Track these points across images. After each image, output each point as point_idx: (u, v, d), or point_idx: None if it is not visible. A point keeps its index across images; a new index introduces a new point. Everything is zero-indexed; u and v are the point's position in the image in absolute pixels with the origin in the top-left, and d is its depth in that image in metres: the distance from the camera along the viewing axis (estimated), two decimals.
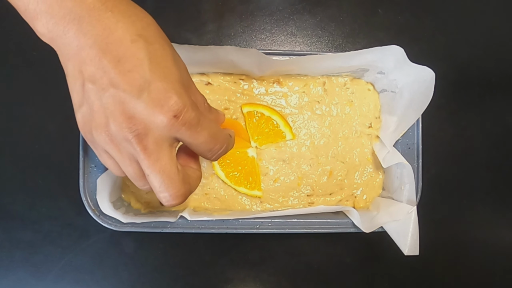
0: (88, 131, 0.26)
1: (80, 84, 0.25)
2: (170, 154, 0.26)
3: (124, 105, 0.24)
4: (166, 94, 0.24)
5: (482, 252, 0.49)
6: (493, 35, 0.50)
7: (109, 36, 0.24)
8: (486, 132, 0.50)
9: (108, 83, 0.24)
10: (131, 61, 0.24)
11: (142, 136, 0.25)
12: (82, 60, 0.24)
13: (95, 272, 0.46)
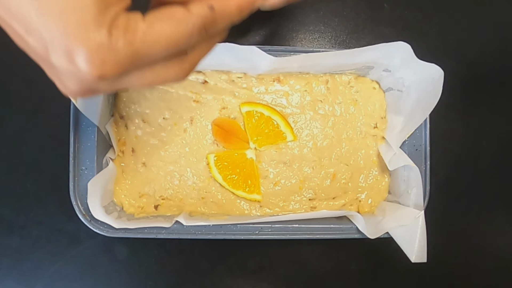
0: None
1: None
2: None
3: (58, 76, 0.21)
4: (79, 57, 0.19)
5: (493, 258, 0.49)
6: (504, 31, 0.50)
7: None
8: (497, 133, 0.50)
9: (15, 36, 0.20)
10: (20, 18, 0.19)
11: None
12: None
13: (86, 280, 0.46)
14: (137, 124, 0.43)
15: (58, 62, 0.19)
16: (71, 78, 0.20)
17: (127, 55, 0.19)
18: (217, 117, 0.44)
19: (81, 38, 0.18)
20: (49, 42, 0.19)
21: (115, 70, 0.20)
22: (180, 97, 0.43)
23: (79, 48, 0.19)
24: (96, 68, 0.19)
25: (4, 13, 0.19)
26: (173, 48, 0.20)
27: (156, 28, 0.20)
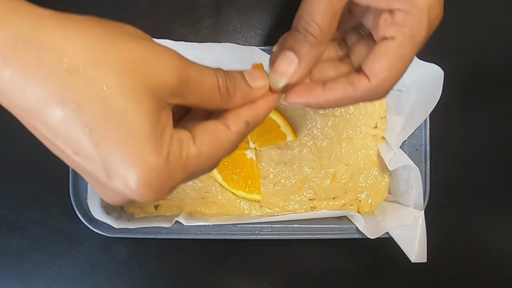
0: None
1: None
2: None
3: (99, 189, 0.21)
4: (130, 182, 0.19)
5: (493, 258, 0.49)
6: (505, 32, 0.50)
7: (24, 107, 0.18)
8: (498, 133, 0.49)
9: (59, 154, 0.20)
10: (69, 142, 0.19)
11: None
12: (29, 128, 0.20)
13: (86, 280, 0.46)
14: None
15: (111, 185, 0.19)
16: (121, 196, 0.20)
17: (182, 179, 0.21)
18: None
19: (140, 167, 0.19)
20: (102, 166, 0.19)
21: (170, 192, 0.21)
22: None
23: (137, 176, 0.19)
24: (154, 194, 0.20)
25: (49, 132, 0.19)
26: (218, 161, 0.23)
27: (205, 151, 0.21)
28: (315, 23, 0.25)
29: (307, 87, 0.27)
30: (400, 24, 0.24)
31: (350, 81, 0.25)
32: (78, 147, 0.19)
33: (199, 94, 0.22)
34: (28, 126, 0.19)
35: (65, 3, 0.45)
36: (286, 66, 0.26)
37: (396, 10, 0.24)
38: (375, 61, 0.25)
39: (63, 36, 0.18)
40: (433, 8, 0.24)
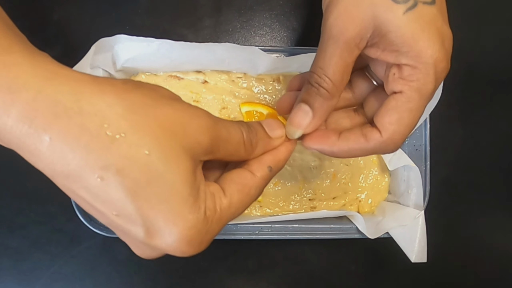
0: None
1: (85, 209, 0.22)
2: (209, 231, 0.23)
3: (130, 238, 0.21)
4: (172, 239, 0.20)
5: (494, 258, 0.49)
6: (505, 32, 0.50)
7: (64, 171, 0.18)
8: (498, 133, 0.49)
9: (99, 217, 0.21)
10: (111, 203, 0.19)
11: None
12: (62, 189, 0.20)
13: (86, 280, 0.45)
14: None
15: (151, 243, 0.20)
16: (159, 252, 0.21)
17: (218, 231, 0.22)
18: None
19: (182, 226, 0.20)
20: (143, 226, 0.20)
21: (207, 245, 0.22)
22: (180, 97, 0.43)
23: (179, 235, 0.20)
24: (194, 249, 0.21)
25: (89, 196, 0.19)
26: (247, 206, 0.24)
27: (235, 200, 0.23)
28: (327, 77, 0.26)
29: (324, 134, 0.28)
30: (408, 79, 0.25)
31: (363, 133, 0.27)
32: (120, 209, 0.19)
33: (226, 150, 0.23)
34: (63, 188, 0.20)
35: (66, 3, 0.46)
36: (301, 118, 0.27)
37: (404, 65, 0.25)
38: (385, 115, 0.26)
39: (104, 103, 0.19)
40: (440, 62, 0.25)
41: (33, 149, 0.18)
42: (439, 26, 0.25)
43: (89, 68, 0.38)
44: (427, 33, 0.24)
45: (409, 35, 0.24)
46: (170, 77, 0.43)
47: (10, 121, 0.18)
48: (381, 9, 0.24)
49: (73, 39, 0.45)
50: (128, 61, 0.39)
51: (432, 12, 0.25)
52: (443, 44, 0.25)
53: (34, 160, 0.19)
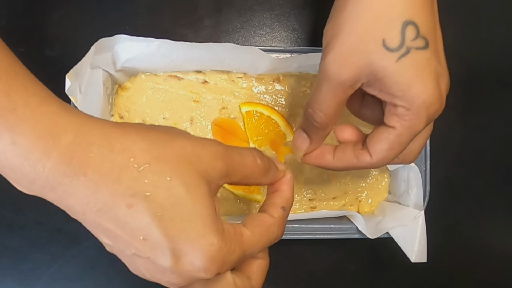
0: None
1: (110, 248, 0.24)
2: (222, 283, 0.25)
3: (156, 265, 0.22)
4: (197, 257, 0.22)
5: (493, 259, 0.49)
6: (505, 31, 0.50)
7: (97, 204, 0.21)
8: (498, 133, 0.49)
9: (124, 248, 0.22)
10: (139, 229, 0.21)
11: (187, 287, 0.24)
12: (81, 221, 0.22)
13: (86, 280, 0.45)
14: None
15: (177, 264, 0.22)
16: (184, 276, 0.22)
17: (239, 254, 0.23)
18: (217, 117, 0.44)
19: (204, 244, 0.22)
20: (169, 248, 0.21)
21: (230, 266, 0.23)
22: (180, 97, 0.43)
23: (203, 252, 0.22)
24: (217, 267, 0.22)
25: (117, 226, 0.21)
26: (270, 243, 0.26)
27: (257, 232, 0.25)
28: (321, 112, 0.29)
29: (320, 153, 0.32)
30: (401, 117, 0.27)
31: (355, 155, 0.30)
32: (147, 233, 0.21)
33: (242, 172, 0.25)
34: (92, 224, 0.22)
35: (66, 4, 0.46)
36: (301, 143, 0.32)
37: (398, 105, 0.27)
38: (377, 143, 0.29)
39: (130, 140, 0.22)
40: (433, 105, 0.27)
41: (69, 186, 0.20)
42: (433, 68, 0.27)
43: (89, 68, 0.38)
44: (420, 78, 0.26)
45: (403, 82, 0.26)
46: (170, 77, 0.43)
47: (50, 162, 0.20)
48: (375, 57, 0.26)
49: (73, 39, 0.45)
50: (128, 61, 0.39)
51: (426, 56, 0.26)
52: (437, 85, 0.27)
53: (66, 198, 0.21)
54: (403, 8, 0.26)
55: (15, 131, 0.20)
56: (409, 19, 0.26)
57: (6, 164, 0.20)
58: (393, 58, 0.26)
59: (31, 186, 0.21)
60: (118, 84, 0.43)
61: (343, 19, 0.27)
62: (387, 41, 0.26)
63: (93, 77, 0.38)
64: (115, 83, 0.42)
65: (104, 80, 0.39)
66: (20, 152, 0.20)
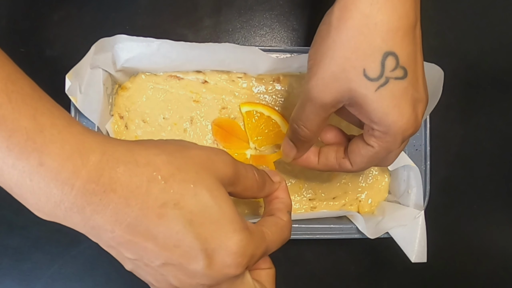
0: (149, 283, 0.26)
1: (119, 255, 0.24)
2: (245, 284, 0.26)
3: (187, 271, 0.23)
4: (228, 253, 0.23)
5: (493, 258, 0.49)
6: (506, 31, 0.50)
7: (127, 219, 0.21)
8: (498, 133, 0.49)
9: (156, 259, 0.23)
10: (171, 236, 0.22)
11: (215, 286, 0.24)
12: (108, 241, 0.22)
13: (86, 280, 0.45)
14: (137, 124, 0.43)
15: (211, 265, 0.23)
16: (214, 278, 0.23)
17: (264, 249, 0.26)
18: (217, 117, 0.44)
19: (234, 240, 0.23)
20: (202, 249, 0.22)
21: (258, 260, 0.25)
22: (180, 97, 0.43)
23: (234, 247, 0.23)
24: (248, 260, 0.24)
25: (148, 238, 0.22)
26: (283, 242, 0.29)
27: (274, 230, 0.27)
28: (305, 128, 0.32)
29: (306, 156, 0.36)
30: (378, 139, 0.29)
31: (338, 162, 0.34)
32: (180, 239, 0.22)
33: (244, 184, 0.27)
34: (118, 241, 0.22)
35: (66, 3, 0.46)
36: (289, 151, 0.35)
37: (375, 129, 0.29)
38: (357, 156, 0.32)
39: (152, 154, 0.23)
40: (408, 130, 0.29)
41: (98, 205, 0.21)
42: (410, 97, 0.28)
43: (89, 68, 0.38)
44: (397, 107, 0.28)
45: (381, 110, 0.28)
46: (170, 77, 0.43)
47: (79, 181, 0.20)
48: (356, 84, 0.27)
49: (73, 39, 0.45)
50: (128, 61, 0.39)
51: (404, 86, 0.28)
52: (413, 111, 0.28)
53: (94, 218, 0.21)
54: (384, 40, 0.26)
55: (43, 152, 0.20)
56: (389, 50, 0.27)
57: (30, 187, 0.20)
58: (373, 87, 0.27)
59: (54, 210, 0.21)
60: (118, 84, 0.43)
61: (326, 46, 0.28)
62: (368, 71, 0.27)
63: (93, 77, 0.38)
64: (115, 83, 0.42)
65: (104, 80, 0.39)
66: (47, 174, 0.20)
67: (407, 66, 0.27)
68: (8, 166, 0.20)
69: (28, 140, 0.20)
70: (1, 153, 0.20)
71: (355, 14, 0.26)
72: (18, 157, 0.20)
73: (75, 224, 0.22)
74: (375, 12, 0.26)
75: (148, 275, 0.24)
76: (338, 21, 0.27)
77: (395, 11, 0.26)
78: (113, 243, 0.22)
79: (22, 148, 0.20)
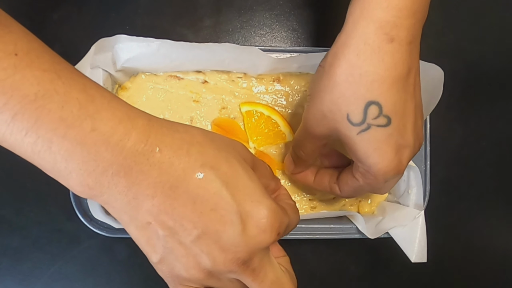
0: (176, 277, 0.25)
1: (149, 235, 0.24)
2: (272, 261, 0.26)
3: (221, 242, 0.23)
4: (261, 217, 0.24)
5: (493, 258, 0.49)
6: (505, 31, 0.50)
7: (170, 179, 0.22)
8: (498, 133, 0.49)
9: (192, 227, 0.23)
10: (209, 199, 0.23)
11: (247, 263, 0.24)
12: (147, 212, 0.23)
13: (86, 280, 0.45)
14: None
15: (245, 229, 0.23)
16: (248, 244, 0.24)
17: (288, 219, 0.26)
18: (217, 117, 0.44)
19: (265, 205, 0.24)
20: (237, 212, 0.23)
21: (283, 234, 0.26)
22: (180, 97, 0.43)
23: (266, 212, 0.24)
24: (277, 227, 0.24)
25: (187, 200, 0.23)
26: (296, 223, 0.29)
27: (290, 209, 0.28)
28: (302, 151, 0.36)
29: (305, 174, 0.39)
30: (362, 175, 0.32)
31: (330, 186, 0.37)
32: (217, 201, 0.23)
33: (260, 170, 0.29)
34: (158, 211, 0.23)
35: (66, 3, 0.46)
36: (289, 164, 0.39)
37: (359, 166, 0.31)
38: (345, 185, 0.35)
39: (188, 126, 0.25)
40: (389, 172, 0.30)
41: (145, 165, 0.22)
42: (393, 143, 0.29)
43: (89, 68, 0.38)
44: (378, 152, 0.29)
45: (362, 152, 0.30)
46: (170, 77, 0.43)
47: (130, 142, 0.22)
48: (340, 126, 0.30)
49: (73, 39, 0.45)
50: (128, 61, 0.39)
51: (387, 133, 0.29)
52: (396, 156, 0.30)
53: (140, 180, 0.22)
54: (368, 89, 0.28)
55: (96, 118, 0.21)
56: (372, 99, 0.28)
57: (80, 155, 0.21)
58: (355, 131, 0.29)
59: (100, 177, 0.22)
60: (118, 84, 0.43)
61: (319, 87, 0.30)
62: (351, 116, 0.29)
63: (93, 77, 0.38)
64: (115, 83, 0.42)
65: (104, 80, 0.39)
66: (100, 138, 0.21)
67: (392, 114, 0.28)
68: (58, 137, 0.21)
69: (81, 109, 0.21)
70: (52, 124, 0.20)
71: (343, 63, 0.28)
72: (70, 125, 0.21)
73: (117, 193, 0.22)
74: (360, 63, 0.27)
75: (179, 260, 0.24)
76: (329, 67, 0.29)
77: (381, 62, 0.27)
78: (152, 213, 0.22)
79: (75, 116, 0.21)
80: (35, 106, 0.20)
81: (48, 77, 0.21)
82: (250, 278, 0.24)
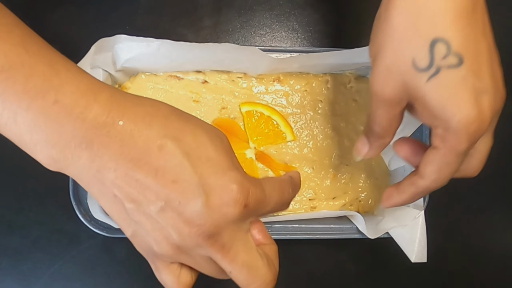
0: (150, 251, 0.25)
1: (119, 208, 0.23)
2: (248, 242, 0.25)
3: (185, 214, 0.22)
4: (225, 188, 0.23)
5: (493, 258, 0.49)
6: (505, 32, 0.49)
7: (131, 150, 0.22)
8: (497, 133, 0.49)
9: (155, 199, 0.22)
10: (170, 170, 0.22)
11: (215, 237, 0.23)
12: (111, 184, 0.22)
13: (86, 280, 0.45)
14: None
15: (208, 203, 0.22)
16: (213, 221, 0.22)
17: (262, 194, 0.24)
18: (217, 117, 0.44)
19: (229, 176, 0.23)
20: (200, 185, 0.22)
21: (254, 208, 0.24)
22: (180, 97, 0.43)
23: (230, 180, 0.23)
24: (244, 200, 0.23)
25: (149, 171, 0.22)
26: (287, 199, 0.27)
27: (272, 184, 0.26)
28: (375, 124, 0.30)
29: (388, 195, 0.32)
30: (442, 138, 0.27)
31: (412, 182, 0.30)
32: (178, 172, 0.22)
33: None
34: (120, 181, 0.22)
35: (66, 3, 0.46)
36: (361, 147, 0.33)
37: (437, 126, 0.27)
38: (426, 166, 0.28)
39: (155, 101, 0.25)
40: (471, 124, 0.25)
41: (106, 137, 0.22)
42: (469, 86, 0.25)
43: (89, 68, 0.38)
44: (453, 98, 0.25)
45: (435, 103, 0.25)
46: (170, 77, 0.43)
47: (92, 114, 0.22)
48: (407, 77, 0.26)
49: (73, 39, 0.45)
50: (128, 61, 0.39)
51: (460, 74, 0.25)
52: (475, 103, 0.25)
53: (102, 152, 0.22)
54: (431, 25, 0.25)
55: (59, 91, 0.21)
56: (438, 36, 0.25)
57: (43, 127, 0.21)
58: (424, 78, 0.25)
59: (63, 150, 0.22)
60: (118, 84, 0.43)
61: (378, 40, 0.27)
62: (417, 61, 0.25)
63: None
64: (115, 83, 0.42)
65: (104, 80, 0.39)
66: (62, 110, 0.21)
67: (462, 51, 0.25)
68: (22, 109, 0.21)
69: (45, 81, 0.21)
70: (17, 96, 0.21)
71: (400, 2, 0.25)
72: (34, 97, 0.21)
73: (81, 166, 0.22)
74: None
75: (149, 234, 0.23)
76: (385, 12, 0.26)
77: None
78: (116, 185, 0.22)
79: (38, 88, 0.21)
80: (1, 78, 0.21)
81: (15, 51, 0.21)
82: (219, 254, 0.23)
